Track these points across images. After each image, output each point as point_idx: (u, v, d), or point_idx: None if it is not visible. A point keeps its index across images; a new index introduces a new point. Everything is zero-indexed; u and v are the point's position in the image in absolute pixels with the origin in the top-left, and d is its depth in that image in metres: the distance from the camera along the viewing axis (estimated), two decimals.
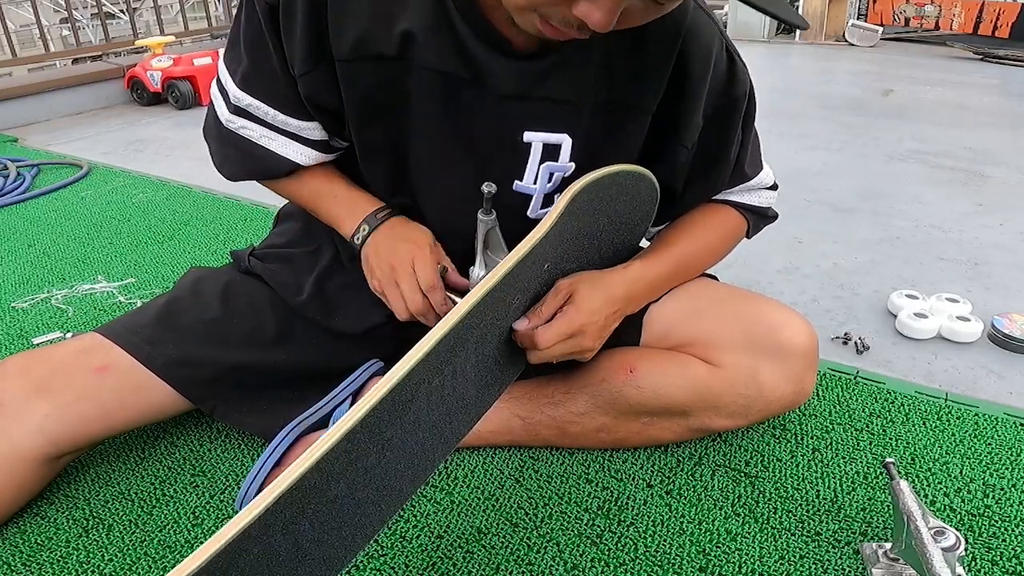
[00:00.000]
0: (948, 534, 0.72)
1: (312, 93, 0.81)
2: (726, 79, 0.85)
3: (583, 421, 0.93)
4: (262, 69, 0.82)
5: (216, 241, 1.74)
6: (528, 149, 0.83)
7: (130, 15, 3.91)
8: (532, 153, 0.83)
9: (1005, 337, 1.25)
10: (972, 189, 2.07)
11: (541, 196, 0.86)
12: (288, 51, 0.79)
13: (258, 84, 0.84)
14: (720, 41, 0.83)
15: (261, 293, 0.97)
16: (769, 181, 0.98)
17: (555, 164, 0.84)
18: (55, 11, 10.17)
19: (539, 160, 0.83)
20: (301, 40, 0.77)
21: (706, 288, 0.96)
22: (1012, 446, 0.99)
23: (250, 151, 0.88)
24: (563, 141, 0.82)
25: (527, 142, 0.82)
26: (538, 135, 0.82)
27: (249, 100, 0.84)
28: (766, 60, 4.45)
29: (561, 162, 0.84)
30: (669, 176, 0.89)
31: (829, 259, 1.62)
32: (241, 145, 0.88)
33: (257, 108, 0.85)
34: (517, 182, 0.85)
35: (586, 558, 0.83)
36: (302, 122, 0.85)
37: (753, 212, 0.99)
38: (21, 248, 1.72)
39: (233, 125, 0.87)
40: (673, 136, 0.85)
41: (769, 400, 0.89)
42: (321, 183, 0.91)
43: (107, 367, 0.87)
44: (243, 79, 0.84)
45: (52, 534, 0.87)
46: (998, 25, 4.50)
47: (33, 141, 2.71)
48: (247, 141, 0.88)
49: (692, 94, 0.82)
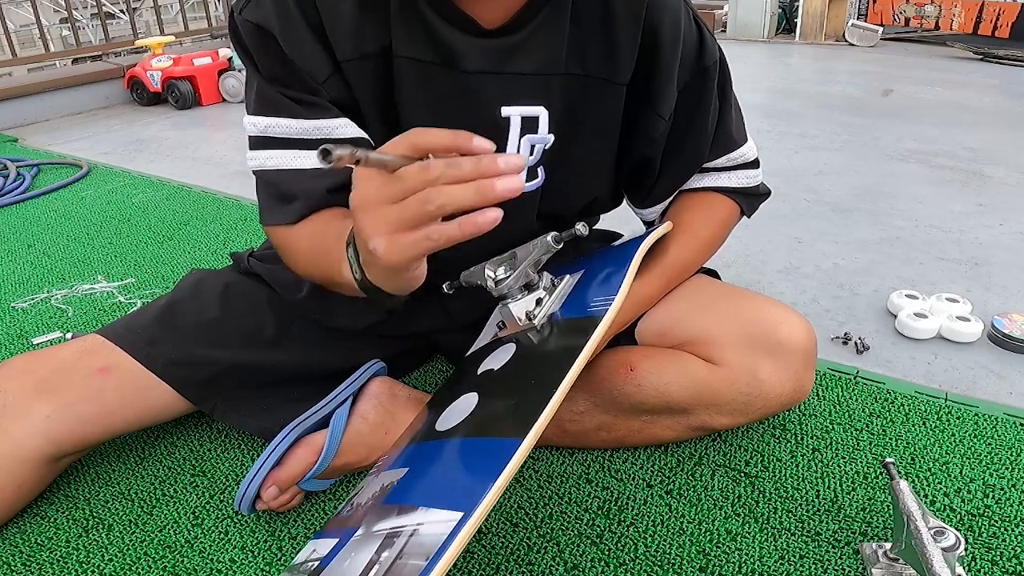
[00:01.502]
0: (948, 534, 0.72)
1: (337, 97, 0.81)
2: (696, 50, 0.87)
3: (583, 420, 0.93)
4: (269, 90, 0.80)
5: (216, 241, 1.74)
6: (508, 124, 0.84)
7: (130, 15, 3.91)
8: (512, 127, 0.84)
9: (1005, 337, 1.25)
10: (972, 189, 2.07)
11: (525, 169, 0.87)
12: (303, 64, 0.78)
13: (269, 103, 0.80)
14: (687, 11, 0.86)
15: (260, 294, 0.97)
16: (752, 156, 0.98)
17: (535, 136, 0.85)
18: (55, 11, 10.17)
19: (519, 133, 0.84)
20: (314, 47, 0.77)
21: (706, 286, 0.96)
22: (1012, 446, 0.99)
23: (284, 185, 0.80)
24: (540, 113, 0.84)
25: (505, 116, 0.83)
26: (515, 109, 0.83)
27: (267, 122, 0.80)
28: (766, 60, 4.45)
29: (541, 133, 0.85)
30: (649, 147, 0.91)
31: (829, 259, 1.62)
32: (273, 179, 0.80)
33: (276, 125, 0.80)
34: None
35: (586, 558, 0.83)
36: (331, 120, 0.80)
37: (743, 194, 0.99)
38: (21, 248, 1.72)
39: (256, 162, 0.81)
40: (649, 107, 0.87)
41: (769, 398, 0.89)
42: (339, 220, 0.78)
43: (108, 368, 0.87)
44: (255, 107, 0.81)
45: (52, 534, 0.87)
46: (998, 25, 4.50)
47: (33, 141, 2.71)
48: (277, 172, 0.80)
49: (664, 64, 0.84)
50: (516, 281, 0.79)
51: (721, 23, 5.44)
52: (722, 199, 0.98)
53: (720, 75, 0.91)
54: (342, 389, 0.94)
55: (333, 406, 0.92)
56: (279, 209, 0.81)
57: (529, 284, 0.81)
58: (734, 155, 0.95)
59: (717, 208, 0.97)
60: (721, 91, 0.92)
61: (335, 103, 0.81)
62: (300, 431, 0.88)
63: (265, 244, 1.06)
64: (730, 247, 1.66)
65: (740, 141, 0.95)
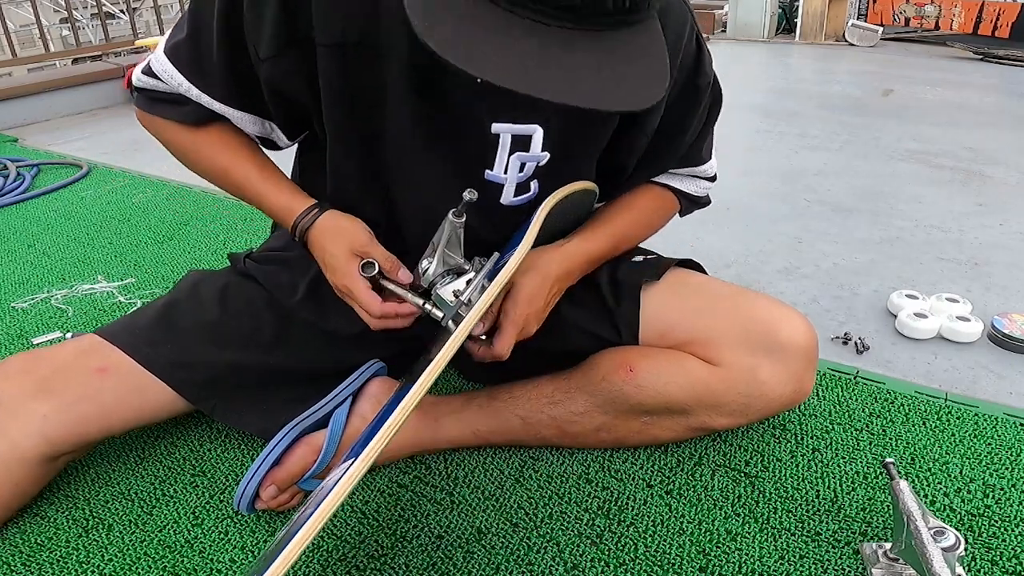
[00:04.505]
0: (948, 534, 0.72)
1: (277, 79, 0.79)
2: (692, 67, 0.87)
3: (583, 420, 0.93)
4: (199, 44, 0.80)
5: (216, 241, 1.74)
6: (496, 141, 0.83)
7: (130, 15, 3.91)
8: (500, 145, 0.84)
9: (1005, 337, 1.25)
10: (972, 189, 2.07)
11: (514, 185, 0.87)
12: (251, 32, 0.76)
13: (188, 57, 0.81)
14: (691, 28, 0.85)
15: (259, 294, 0.97)
16: (712, 172, 1.03)
17: (527, 154, 0.85)
18: (55, 11, 10.18)
19: (508, 151, 0.84)
20: (272, 21, 0.75)
21: (706, 286, 0.96)
22: (1012, 446, 0.99)
23: (163, 96, 0.84)
24: (534, 132, 0.83)
25: (495, 133, 0.83)
26: (505, 127, 0.82)
27: (172, 72, 0.82)
28: (766, 60, 4.45)
29: (533, 152, 0.85)
30: (625, 158, 0.93)
31: (829, 259, 1.62)
32: (153, 95, 0.85)
33: (178, 84, 0.82)
34: (488, 171, 0.86)
35: (586, 558, 0.83)
36: (233, 110, 0.84)
37: (688, 199, 1.04)
38: (21, 248, 1.72)
39: (141, 82, 0.84)
40: (637, 125, 0.88)
41: (769, 399, 0.89)
42: (259, 162, 0.88)
43: (106, 368, 0.87)
44: (173, 47, 0.81)
45: (52, 534, 0.87)
46: (998, 25, 4.50)
47: (33, 141, 2.71)
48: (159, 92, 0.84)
49: None
50: (438, 266, 0.81)
51: (721, 23, 5.44)
52: (671, 197, 1.03)
53: (711, 97, 0.92)
54: (341, 389, 0.94)
55: (332, 406, 0.92)
56: (172, 109, 0.85)
57: (460, 271, 0.82)
58: (697, 169, 1.01)
59: (666, 202, 1.03)
60: (708, 114, 0.94)
61: (270, 85, 0.80)
62: (299, 431, 0.89)
63: (262, 246, 1.06)
64: (730, 247, 1.67)
65: (707, 158, 1.01)
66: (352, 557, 0.83)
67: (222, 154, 0.88)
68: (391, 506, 0.90)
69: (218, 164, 0.88)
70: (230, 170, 0.88)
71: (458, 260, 0.82)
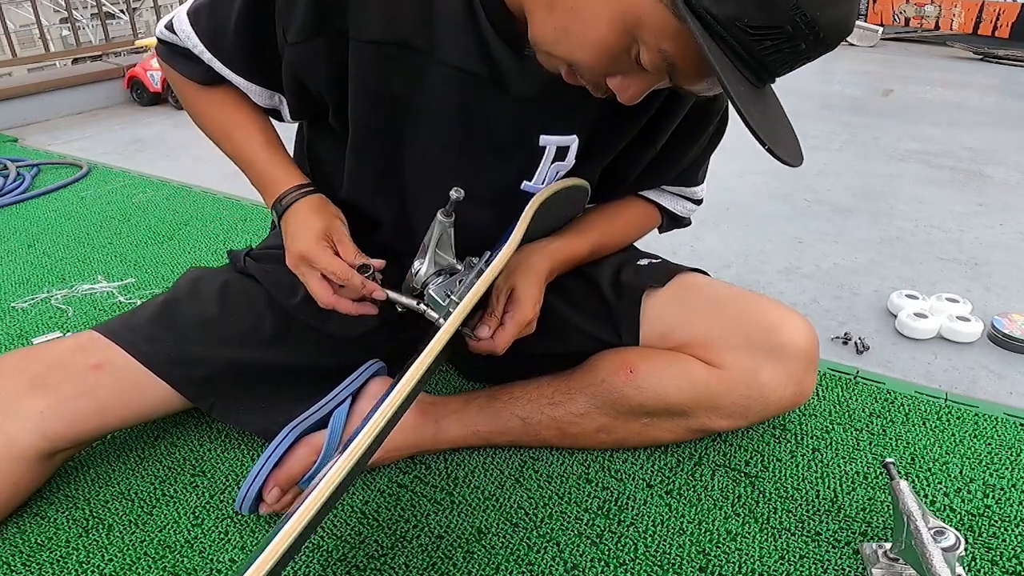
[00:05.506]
0: (948, 534, 0.72)
1: (300, 64, 0.79)
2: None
3: (583, 422, 0.93)
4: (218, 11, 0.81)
5: (216, 241, 1.74)
6: (543, 152, 0.84)
7: (130, 15, 3.91)
8: (545, 155, 0.85)
9: (1005, 337, 1.25)
10: (972, 189, 2.07)
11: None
12: (283, 12, 0.76)
13: (207, 23, 0.83)
14: None
15: (259, 292, 0.97)
16: (700, 196, 1.05)
17: (562, 163, 0.87)
18: (55, 11, 10.17)
19: (551, 161, 0.85)
20: (306, 6, 0.75)
21: (706, 288, 0.96)
22: (1012, 446, 0.99)
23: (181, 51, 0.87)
24: (572, 143, 0.85)
25: (542, 145, 0.84)
26: (552, 138, 0.83)
27: (189, 32, 0.84)
28: None
29: (567, 161, 0.87)
30: (628, 169, 0.94)
31: (829, 259, 1.62)
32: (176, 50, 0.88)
33: (194, 46, 0.84)
34: (526, 182, 0.87)
35: (586, 558, 0.83)
36: (244, 80, 0.86)
37: (671, 216, 1.06)
38: (21, 248, 1.72)
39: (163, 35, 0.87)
40: (648, 140, 0.89)
41: (769, 401, 0.89)
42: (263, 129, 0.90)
43: (103, 364, 0.87)
44: (195, 11, 0.83)
45: (52, 534, 0.87)
46: (998, 25, 4.50)
47: (33, 141, 2.71)
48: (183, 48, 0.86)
49: (682, 100, 0.85)
50: (429, 267, 0.81)
51: None
52: (655, 213, 1.05)
53: (719, 123, 0.93)
54: (341, 389, 0.93)
55: (332, 406, 0.92)
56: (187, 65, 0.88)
57: (452, 270, 0.83)
58: (688, 190, 1.03)
59: (649, 217, 1.06)
60: (711, 139, 0.95)
61: (290, 70, 0.80)
62: (300, 431, 0.88)
63: (262, 244, 1.06)
64: (730, 247, 1.67)
65: (700, 181, 1.03)
66: (352, 557, 0.83)
67: (228, 113, 0.90)
68: (391, 506, 0.90)
69: (223, 123, 0.91)
70: (232, 130, 0.90)
71: (450, 260, 0.82)
